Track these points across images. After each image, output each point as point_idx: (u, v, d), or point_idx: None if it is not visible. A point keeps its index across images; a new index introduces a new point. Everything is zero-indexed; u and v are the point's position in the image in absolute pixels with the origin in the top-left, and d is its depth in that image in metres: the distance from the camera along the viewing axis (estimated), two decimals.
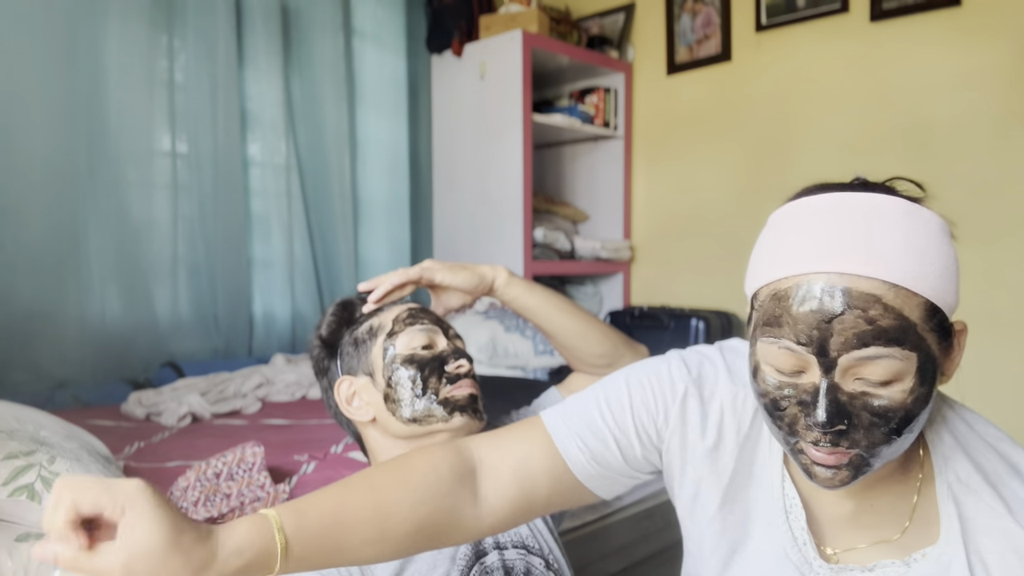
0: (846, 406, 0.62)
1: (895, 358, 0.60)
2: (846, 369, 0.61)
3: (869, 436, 0.62)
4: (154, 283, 2.43)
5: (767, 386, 0.66)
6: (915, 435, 0.64)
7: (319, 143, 2.80)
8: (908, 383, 0.61)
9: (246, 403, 2.11)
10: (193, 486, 1.26)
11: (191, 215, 2.50)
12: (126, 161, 2.35)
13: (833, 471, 0.64)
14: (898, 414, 0.61)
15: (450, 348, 1.04)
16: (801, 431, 0.64)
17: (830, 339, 0.60)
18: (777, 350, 0.64)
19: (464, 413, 0.99)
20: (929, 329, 0.62)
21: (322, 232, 2.83)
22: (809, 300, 0.61)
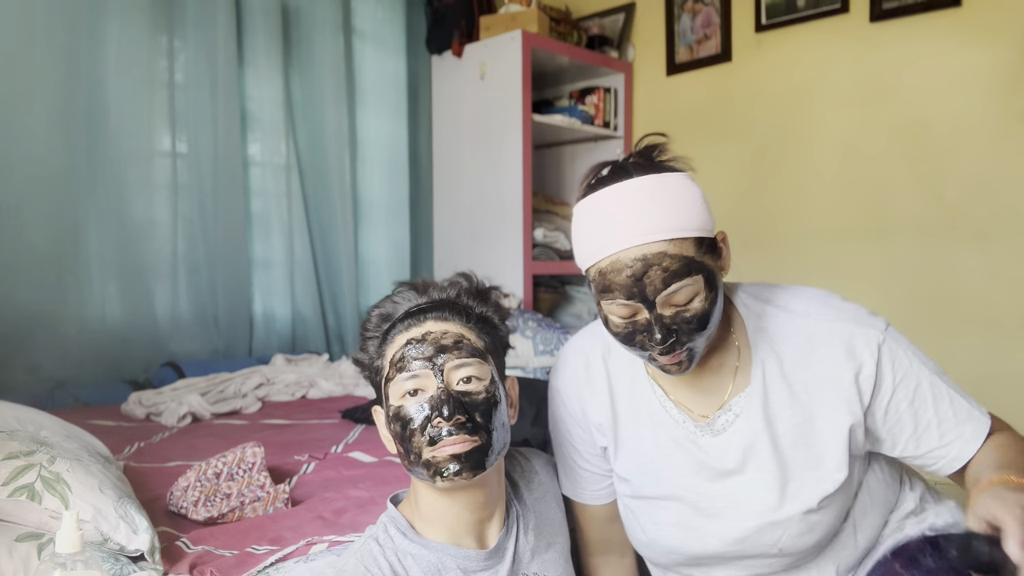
0: (669, 325, 0.89)
1: (689, 285, 0.88)
2: (662, 304, 0.89)
3: (690, 336, 0.90)
4: (154, 283, 2.43)
5: (617, 328, 0.93)
6: (718, 319, 0.93)
7: (319, 143, 2.80)
8: (703, 295, 0.89)
9: (246, 403, 2.11)
10: (193, 486, 1.25)
11: (191, 215, 2.50)
12: (126, 161, 2.35)
13: (677, 365, 0.92)
14: (703, 316, 0.90)
15: (437, 397, 0.87)
16: (648, 347, 0.91)
17: (645, 289, 0.88)
18: (615, 306, 0.91)
19: (444, 478, 0.86)
20: (703, 253, 0.89)
21: (322, 232, 2.83)
22: (624, 269, 0.89)
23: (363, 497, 1.29)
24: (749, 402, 0.98)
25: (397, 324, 0.94)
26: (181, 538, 1.13)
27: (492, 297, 1.00)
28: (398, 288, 0.98)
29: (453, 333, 0.91)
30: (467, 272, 1.01)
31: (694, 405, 1.02)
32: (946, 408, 0.94)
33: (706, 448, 1.00)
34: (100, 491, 1.03)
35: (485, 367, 0.91)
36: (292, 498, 1.30)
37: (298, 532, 1.14)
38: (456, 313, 0.94)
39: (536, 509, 1.05)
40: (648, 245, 0.87)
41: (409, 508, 0.96)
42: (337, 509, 1.23)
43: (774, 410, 0.97)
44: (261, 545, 1.10)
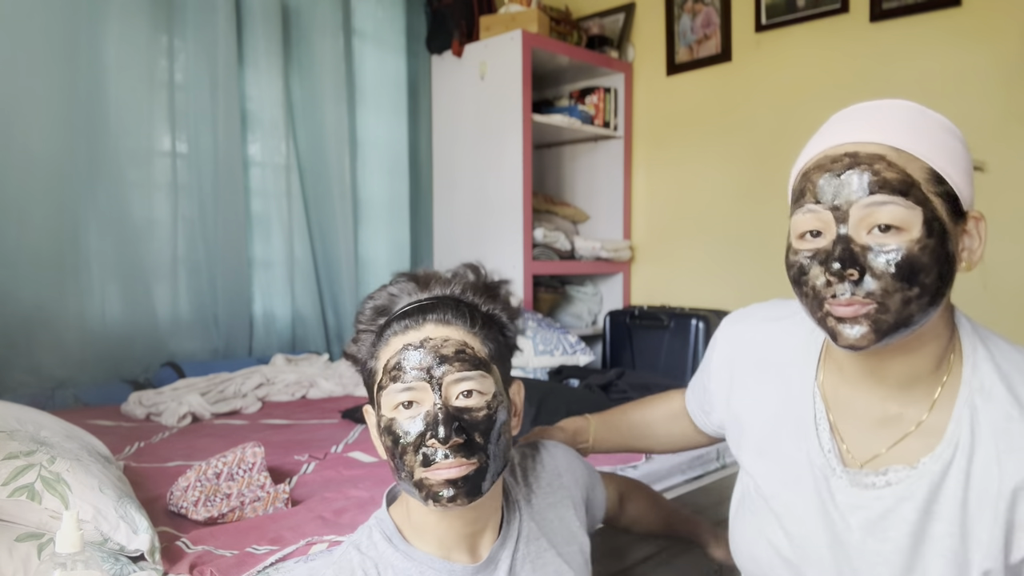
0: (858, 255, 0.71)
1: (899, 205, 0.70)
2: (858, 221, 0.72)
3: (883, 284, 0.71)
4: (154, 283, 2.43)
5: (795, 257, 0.78)
6: (931, 299, 0.72)
7: (319, 143, 2.80)
8: (915, 232, 0.70)
9: (246, 403, 2.11)
10: (193, 486, 1.25)
11: (191, 215, 2.50)
12: (126, 161, 2.35)
13: (856, 327, 0.72)
14: (907, 261, 0.70)
15: (433, 415, 0.78)
16: (822, 290, 0.74)
17: (841, 192, 0.72)
18: (801, 216, 0.76)
19: (438, 502, 0.78)
20: (935, 193, 0.72)
21: (322, 232, 2.83)
22: (825, 165, 0.75)
23: (363, 497, 1.29)
24: (911, 483, 0.77)
25: (393, 323, 0.83)
26: (181, 538, 1.13)
27: (502, 293, 0.90)
28: (397, 278, 0.88)
29: (455, 341, 0.81)
30: (475, 263, 0.90)
31: (853, 439, 0.84)
32: None
33: (835, 494, 0.83)
34: (100, 491, 1.03)
35: (487, 380, 0.82)
36: (292, 498, 1.30)
37: (298, 532, 1.14)
38: (459, 315, 0.83)
39: (544, 515, 0.95)
40: (863, 144, 0.73)
41: (401, 510, 0.88)
42: (337, 509, 1.24)
43: (939, 507, 0.76)
44: (261, 545, 1.10)
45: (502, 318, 0.89)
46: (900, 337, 0.74)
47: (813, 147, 0.79)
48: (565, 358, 2.45)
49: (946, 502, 0.76)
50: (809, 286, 0.76)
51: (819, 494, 0.84)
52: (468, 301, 0.86)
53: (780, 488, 0.88)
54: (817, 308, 0.76)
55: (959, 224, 0.74)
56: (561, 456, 1.02)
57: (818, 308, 0.76)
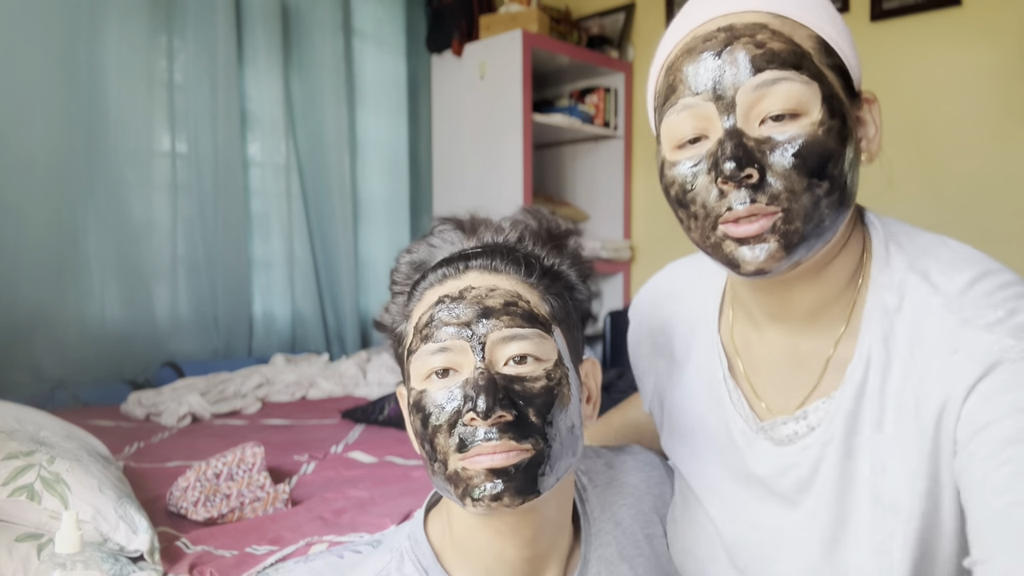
0: (754, 151, 0.58)
1: (795, 81, 0.58)
2: (747, 109, 0.59)
3: (787, 183, 0.58)
4: (154, 283, 2.43)
5: (673, 171, 0.63)
6: (841, 195, 0.60)
7: (319, 143, 2.79)
8: (816, 114, 0.58)
9: (246, 403, 2.10)
10: (193, 486, 1.25)
11: (191, 215, 2.50)
12: (126, 161, 2.35)
13: (761, 248, 0.59)
14: (813, 150, 0.58)
15: (474, 381, 0.60)
16: (714, 206, 0.60)
17: (723, 75, 0.59)
18: (675, 117, 0.62)
19: (477, 501, 0.59)
20: (827, 66, 0.60)
21: (322, 232, 2.83)
22: (697, 47, 0.61)
23: (363, 497, 1.28)
24: (829, 422, 0.65)
25: (429, 275, 0.67)
26: (181, 538, 1.12)
27: (569, 245, 0.72)
28: (439, 226, 0.71)
29: (504, 291, 0.64)
30: (536, 208, 0.73)
31: (770, 394, 0.71)
32: None
33: (760, 458, 0.70)
34: (100, 491, 1.03)
35: (548, 343, 0.63)
36: (292, 498, 1.30)
37: (298, 532, 1.13)
38: (513, 263, 0.66)
39: (628, 539, 0.76)
40: (739, 14, 0.61)
41: (441, 525, 0.70)
42: (337, 509, 1.23)
43: (861, 436, 0.63)
44: (261, 545, 1.10)
45: (570, 275, 0.70)
46: (812, 253, 0.61)
47: (675, 31, 0.65)
48: None
49: (865, 433, 0.63)
50: (698, 204, 0.61)
51: (743, 466, 0.71)
52: (525, 250, 0.69)
53: (703, 471, 0.75)
54: (710, 231, 0.61)
55: (854, 107, 0.63)
56: (630, 458, 0.84)
57: (711, 231, 0.61)
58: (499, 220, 0.71)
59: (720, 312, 0.76)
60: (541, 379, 0.62)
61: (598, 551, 0.72)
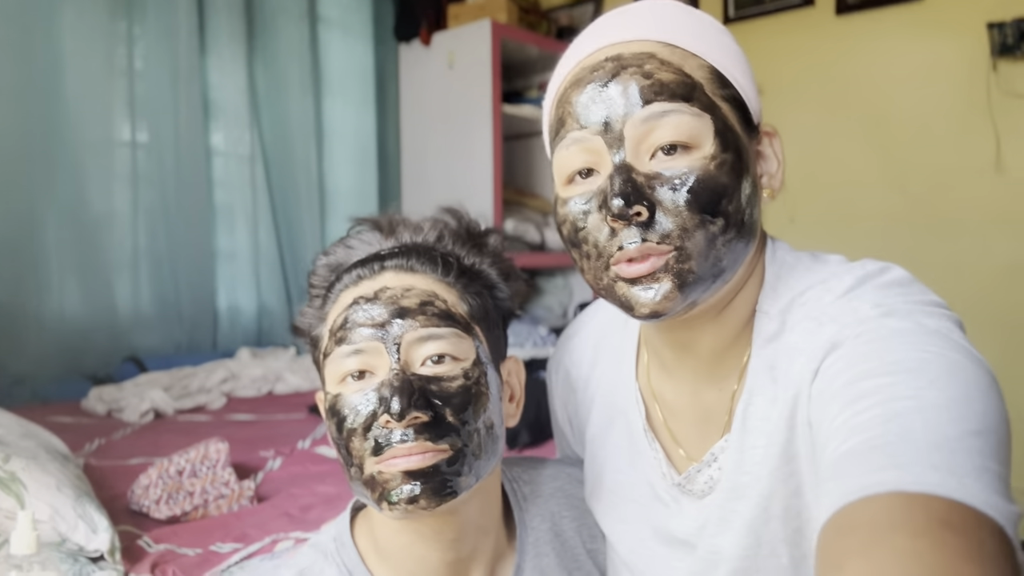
0: (643, 187, 0.55)
1: (684, 113, 0.55)
2: (637, 142, 0.56)
3: (679, 221, 0.55)
4: (115, 276, 2.37)
5: (565, 209, 0.60)
6: (739, 231, 0.57)
7: (284, 132, 2.75)
8: (708, 147, 0.56)
9: (211, 398, 2.07)
10: (155, 484, 1.23)
11: (152, 206, 2.44)
12: (84, 151, 2.29)
13: (653, 289, 0.56)
14: (705, 186, 0.55)
15: (388, 383, 0.59)
16: (606, 246, 0.57)
17: (611, 108, 0.56)
18: (565, 152, 0.60)
19: (393, 505, 0.58)
20: (721, 98, 0.58)
21: (288, 223, 2.79)
22: (585, 77, 0.59)
23: (330, 493, 1.27)
24: (728, 451, 0.63)
25: (344, 276, 0.67)
26: (143, 537, 1.10)
27: (490, 243, 0.72)
28: (356, 227, 0.71)
29: (420, 290, 0.63)
30: (455, 207, 0.73)
31: (688, 439, 0.68)
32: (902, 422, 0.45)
33: (680, 514, 0.67)
34: (58, 490, 1.00)
35: (465, 342, 0.63)
36: (257, 495, 1.28)
37: (263, 529, 1.12)
38: (429, 262, 0.66)
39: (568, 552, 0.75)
40: (627, 44, 0.59)
41: (366, 529, 0.69)
42: (304, 505, 1.22)
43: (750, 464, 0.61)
44: (225, 543, 1.08)
45: (491, 274, 0.70)
46: (710, 293, 0.59)
47: (566, 62, 0.63)
48: (536, 351, 2.44)
49: (748, 468, 0.60)
50: (590, 244, 0.59)
51: (666, 525, 0.67)
52: (443, 250, 0.69)
53: (627, 531, 0.71)
54: (602, 272, 0.59)
55: (752, 140, 0.61)
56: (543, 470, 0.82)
57: (603, 271, 0.59)
58: (418, 220, 0.71)
59: (637, 356, 0.74)
60: (458, 378, 0.61)
61: (535, 560, 0.72)
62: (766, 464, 0.59)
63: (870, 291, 0.57)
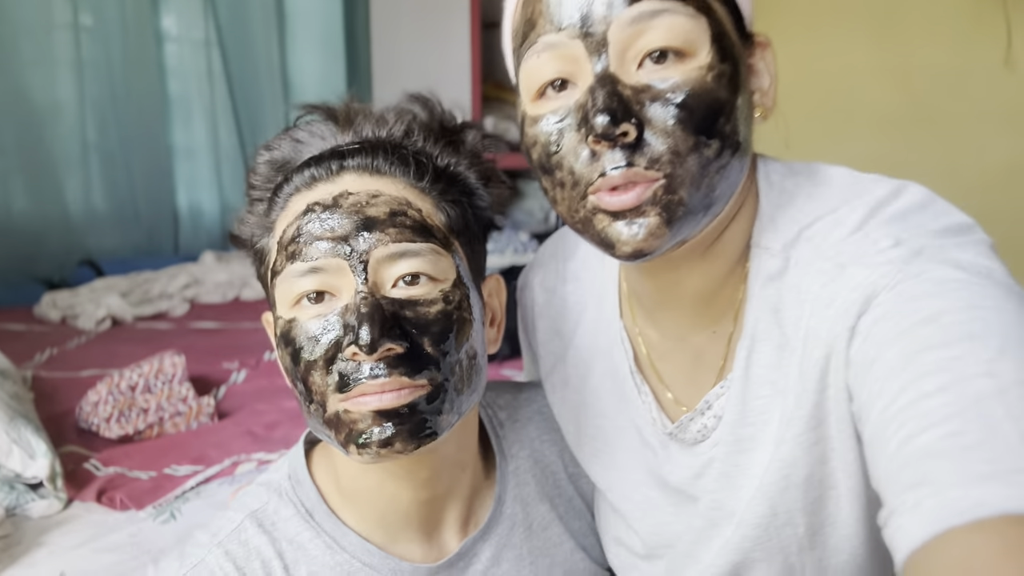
0: (631, 101, 0.47)
1: (678, 14, 0.48)
2: (623, 48, 0.48)
3: (670, 143, 0.47)
4: (63, 173, 2.25)
5: (536, 131, 0.52)
6: (733, 155, 0.50)
7: (242, 16, 2.54)
8: (704, 56, 0.48)
9: (172, 305, 1.98)
10: (105, 400, 1.14)
11: (100, 96, 2.29)
12: (21, 35, 2.13)
13: (639, 223, 0.48)
14: (701, 100, 0.48)
15: (354, 307, 0.51)
16: (584, 172, 0.49)
17: (593, 6, 0.48)
18: (536, 60, 0.51)
19: (363, 448, 0.51)
20: (720, 3, 0.50)
21: (250, 116, 2.61)
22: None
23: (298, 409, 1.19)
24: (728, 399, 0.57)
25: (294, 177, 0.56)
26: (91, 459, 1.03)
27: (468, 140, 0.62)
28: (305, 116, 0.60)
29: (389, 197, 0.54)
30: (425, 94, 0.61)
31: (676, 383, 0.61)
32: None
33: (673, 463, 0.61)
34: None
35: (444, 259, 0.54)
36: (218, 411, 1.21)
37: (224, 450, 1.05)
38: (400, 163, 0.56)
39: (549, 477, 0.70)
40: None
41: (325, 464, 0.61)
42: (268, 423, 1.14)
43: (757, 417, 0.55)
44: (181, 465, 1.01)
45: (469, 178, 0.60)
46: (700, 228, 0.52)
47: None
48: (516, 257, 2.36)
49: (754, 417, 0.55)
50: (565, 170, 0.50)
51: (659, 471, 0.62)
52: (414, 147, 0.58)
53: (617, 478, 0.66)
54: (578, 203, 0.51)
55: (746, 51, 0.53)
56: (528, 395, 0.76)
57: (579, 203, 0.51)
58: (381, 109, 0.59)
59: (620, 291, 0.66)
60: (437, 302, 0.53)
61: (515, 490, 0.66)
62: (790, 428, 0.52)
63: (888, 223, 0.50)
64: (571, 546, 0.68)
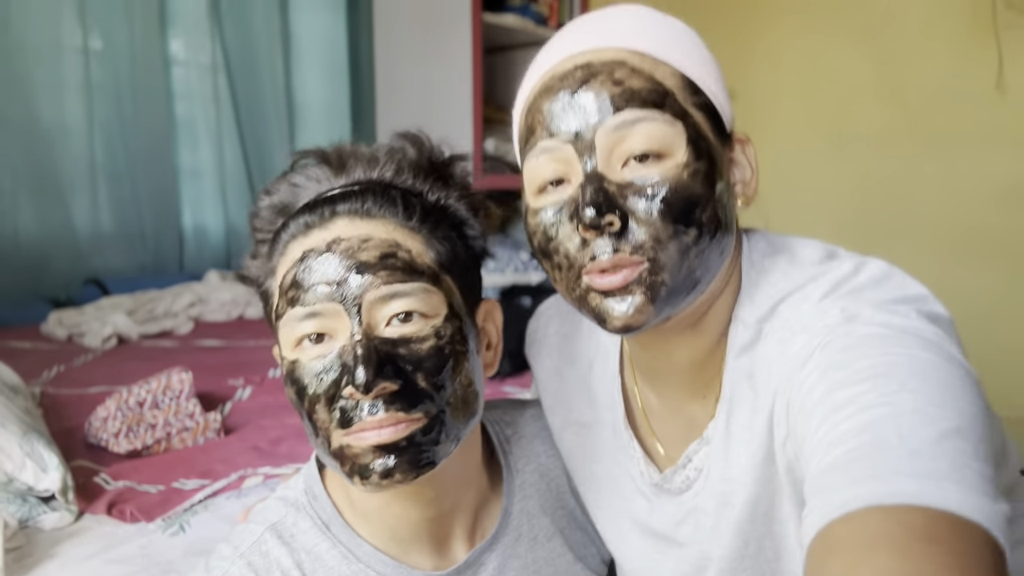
0: (615, 196, 0.55)
1: (656, 121, 0.55)
2: (608, 150, 0.55)
3: (651, 232, 0.54)
4: (71, 193, 2.27)
5: (536, 221, 0.59)
6: (711, 241, 0.56)
7: (248, 40, 2.60)
8: (680, 156, 0.55)
9: (177, 323, 2.00)
10: (114, 416, 1.15)
11: (108, 119, 2.32)
12: (32, 59, 2.16)
13: (626, 301, 0.55)
14: (678, 195, 0.54)
15: (350, 349, 0.54)
16: (577, 256, 0.56)
17: (581, 116, 0.56)
18: (535, 161, 0.59)
19: (367, 480, 0.54)
20: (693, 105, 0.57)
21: (255, 138, 2.66)
22: (555, 85, 0.58)
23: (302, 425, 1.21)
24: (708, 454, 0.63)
25: (291, 224, 0.59)
26: (100, 473, 1.04)
27: (457, 174, 0.65)
28: (301, 161, 0.63)
29: (379, 240, 0.57)
30: (415, 132, 0.65)
31: (669, 439, 0.67)
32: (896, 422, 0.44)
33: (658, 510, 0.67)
34: (1, 427, 0.94)
35: (435, 296, 0.57)
36: (225, 427, 1.23)
37: (230, 464, 1.06)
38: (388, 204, 0.59)
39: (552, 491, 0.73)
40: (597, 52, 0.58)
41: (339, 481, 0.64)
42: (274, 439, 1.16)
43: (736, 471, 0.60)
44: (189, 479, 1.02)
45: (459, 210, 0.63)
46: (685, 305, 0.58)
47: (535, 70, 0.62)
48: (517, 276, 2.38)
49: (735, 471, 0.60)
50: (561, 254, 0.57)
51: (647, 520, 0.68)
52: (404, 186, 0.61)
53: (610, 521, 0.72)
54: (574, 283, 0.57)
55: (725, 148, 0.60)
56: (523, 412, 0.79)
57: (575, 283, 0.57)
58: (372, 150, 0.63)
59: (621, 351, 0.72)
60: (430, 338, 0.56)
61: (521, 503, 0.69)
62: (752, 472, 0.59)
63: (842, 296, 0.56)
64: (571, 558, 0.71)
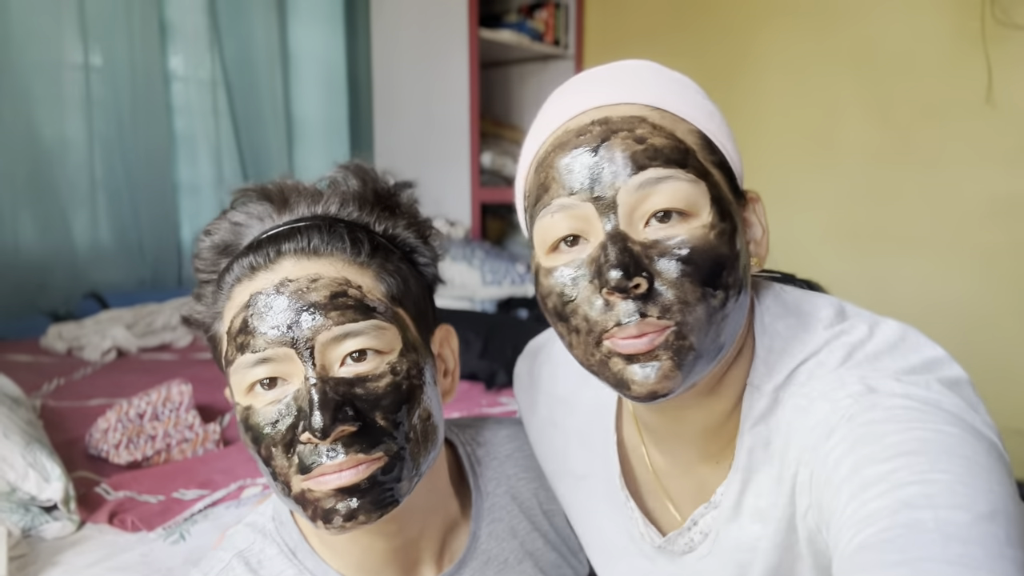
0: (640, 257, 0.51)
1: (680, 179, 0.52)
2: (630, 210, 0.52)
3: (679, 293, 0.51)
4: (71, 208, 2.28)
5: (551, 280, 0.55)
6: (736, 304, 0.54)
7: (248, 56, 2.61)
8: (706, 216, 0.53)
9: (176, 336, 2.01)
10: (114, 427, 1.17)
11: (108, 134, 2.33)
12: (33, 75, 2.17)
13: (652, 367, 0.52)
14: (706, 256, 0.52)
15: (305, 394, 0.53)
16: (599, 320, 0.52)
17: (602, 173, 0.52)
18: (550, 219, 0.55)
19: (330, 524, 0.53)
20: (712, 164, 0.55)
21: (254, 154, 2.67)
22: (568, 144, 0.54)
23: None
24: (715, 519, 0.61)
25: (235, 266, 0.57)
26: (101, 483, 1.05)
27: (404, 203, 0.63)
28: (241, 197, 0.60)
29: (329, 279, 0.55)
30: (357, 163, 0.63)
31: (680, 496, 0.65)
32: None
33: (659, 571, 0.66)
34: (4, 437, 0.95)
35: (388, 332, 0.56)
36: (224, 438, 1.24)
37: (230, 475, 1.07)
38: (335, 240, 0.57)
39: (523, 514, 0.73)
40: (615, 107, 0.55)
41: None
42: None
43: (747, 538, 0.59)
44: (189, 489, 1.03)
45: (408, 239, 0.62)
46: (708, 371, 0.55)
47: (545, 123, 0.58)
48: (514, 288, 2.39)
49: (749, 541, 0.60)
50: (580, 317, 0.54)
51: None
52: (349, 219, 0.60)
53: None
54: (594, 348, 0.54)
55: (740, 207, 0.58)
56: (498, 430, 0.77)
57: (595, 348, 0.54)
58: (315, 184, 0.61)
59: (620, 409, 0.70)
60: (386, 375, 0.55)
61: (489, 527, 0.69)
62: (772, 539, 0.57)
63: (859, 364, 0.56)
64: None
